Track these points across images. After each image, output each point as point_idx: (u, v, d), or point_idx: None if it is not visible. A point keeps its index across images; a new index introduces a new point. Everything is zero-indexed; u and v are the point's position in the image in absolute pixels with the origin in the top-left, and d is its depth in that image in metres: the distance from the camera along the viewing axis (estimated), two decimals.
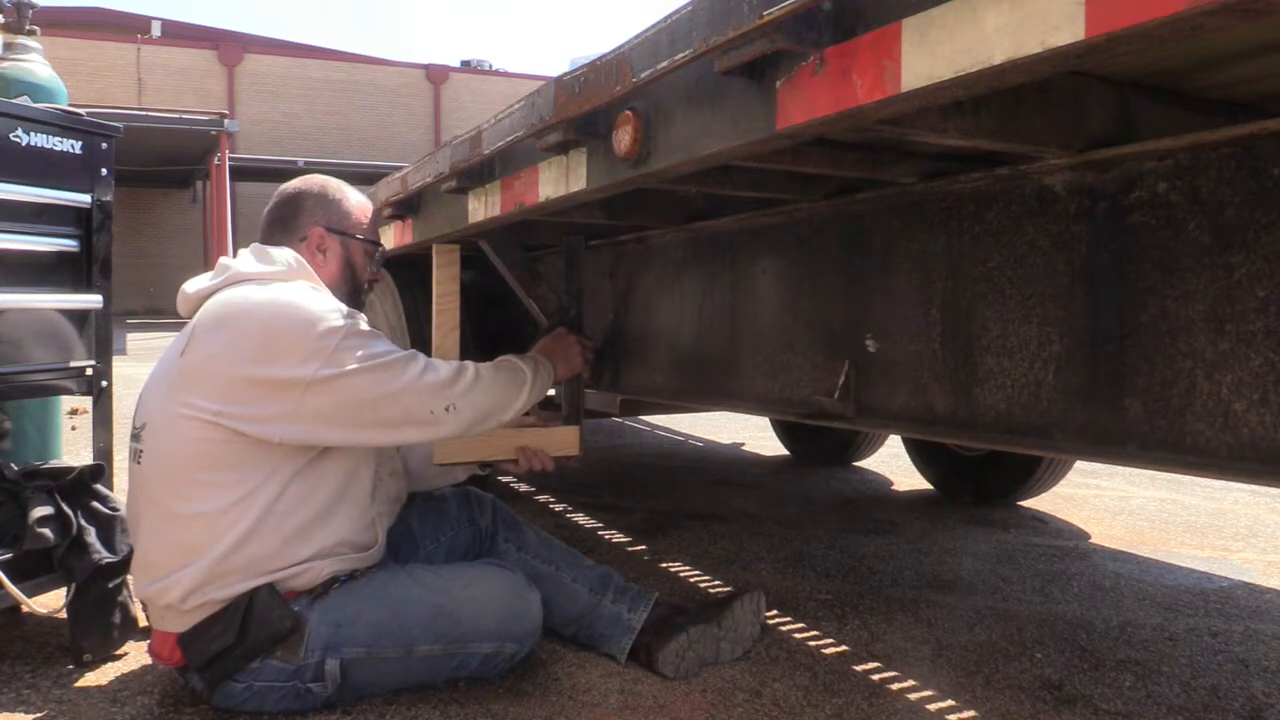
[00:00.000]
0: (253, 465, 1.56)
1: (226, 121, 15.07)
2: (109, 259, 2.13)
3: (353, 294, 1.83)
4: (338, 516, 1.65)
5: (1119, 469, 4.09)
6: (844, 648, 2.01)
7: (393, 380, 1.59)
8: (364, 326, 1.63)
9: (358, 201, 1.87)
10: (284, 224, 1.80)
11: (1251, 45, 1.05)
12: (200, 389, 1.56)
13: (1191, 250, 1.13)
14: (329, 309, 1.60)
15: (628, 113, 1.22)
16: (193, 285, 1.72)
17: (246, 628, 1.54)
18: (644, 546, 2.81)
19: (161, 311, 18.29)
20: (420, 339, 3.02)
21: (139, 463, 1.63)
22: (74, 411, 4.79)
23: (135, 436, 1.66)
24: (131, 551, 1.73)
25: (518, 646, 1.75)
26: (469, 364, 1.73)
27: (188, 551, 1.55)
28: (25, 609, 1.84)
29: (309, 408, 1.54)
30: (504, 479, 3.61)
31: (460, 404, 1.65)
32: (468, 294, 2.24)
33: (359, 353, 1.57)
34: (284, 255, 1.72)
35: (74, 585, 1.83)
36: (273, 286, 1.64)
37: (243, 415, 1.54)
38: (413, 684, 1.70)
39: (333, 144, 22.13)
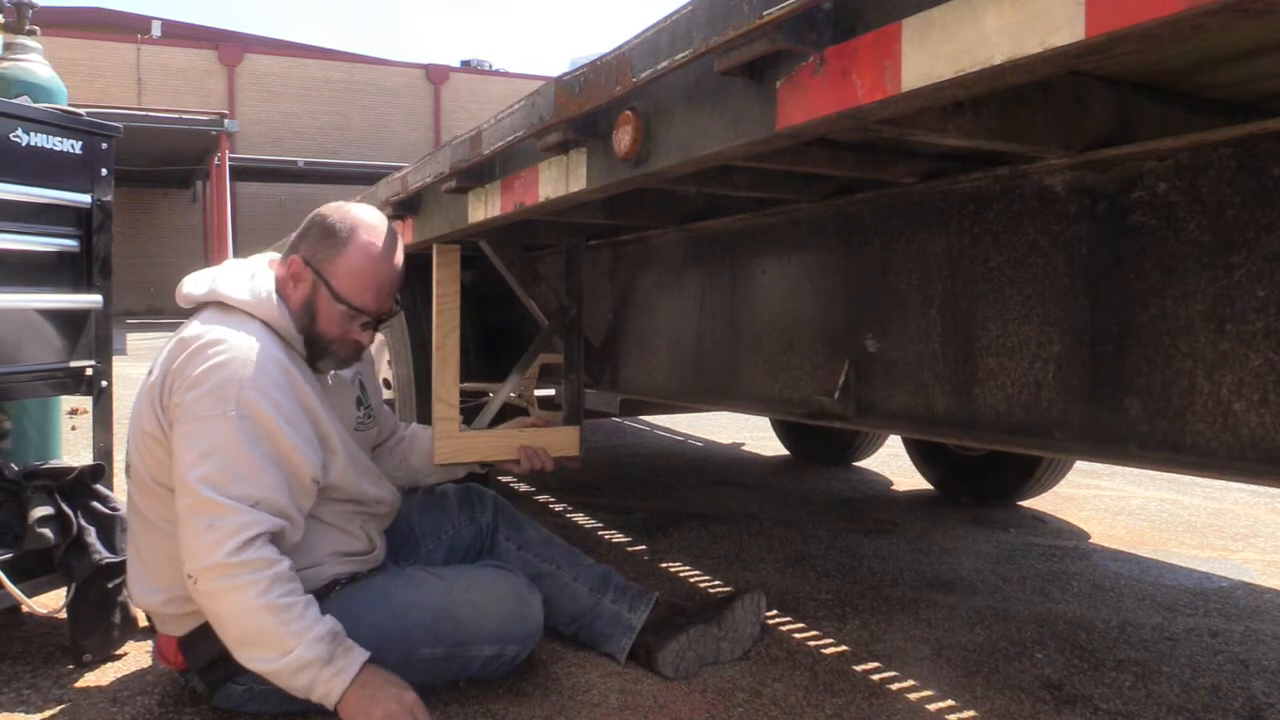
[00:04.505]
0: None
1: (226, 121, 15.10)
2: (109, 259, 2.13)
3: (309, 338, 1.68)
4: (313, 530, 1.63)
5: (1119, 469, 4.09)
6: (844, 648, 2.01)
7: (193, 510, 1.48)
8: (240, 436, 1.48)
9: (356, 258, 1.67)
10: (296, 239, 1.73)
11: (1251, 45, 1.05)
12: (151, 408, 1.58)
13: (1191, 250, 1.13)
14: (230, 385, 1.50)
15: (628, 113, 1.22)
16: (189, 285, 1.70)
17: None
18: (644, 546, 2.81)
19: (161, 311, 18.29)
20: (420, 339, 3.02)
21: (129, 476, 1.66)
22: (74, 411, 4.79)
23: (127, 450, 1.67)
24: None
25: (519, 648, 1.75)
26: (262, 572, 1.45)
27: (173, 562, 1.55)
28: (25, 609, 1.84)
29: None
30: (503, 479, 3.62)
31: (204, 584, 1.45)
32: (468, 294, 2.24)
33: (201, 447, 1.48)
34: (259, 287, 1.66)
35: (74, 585, 1.83)
36: (221, 328, 1.57)
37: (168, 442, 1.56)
38: (414, 687, 1.70)
39: (333, 144, 22.15)
